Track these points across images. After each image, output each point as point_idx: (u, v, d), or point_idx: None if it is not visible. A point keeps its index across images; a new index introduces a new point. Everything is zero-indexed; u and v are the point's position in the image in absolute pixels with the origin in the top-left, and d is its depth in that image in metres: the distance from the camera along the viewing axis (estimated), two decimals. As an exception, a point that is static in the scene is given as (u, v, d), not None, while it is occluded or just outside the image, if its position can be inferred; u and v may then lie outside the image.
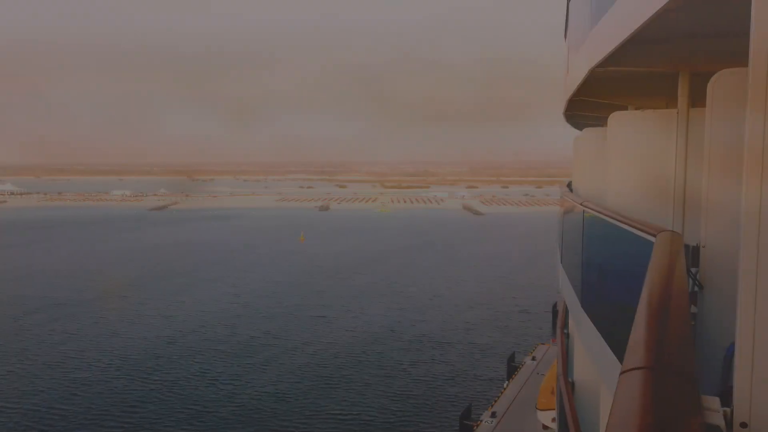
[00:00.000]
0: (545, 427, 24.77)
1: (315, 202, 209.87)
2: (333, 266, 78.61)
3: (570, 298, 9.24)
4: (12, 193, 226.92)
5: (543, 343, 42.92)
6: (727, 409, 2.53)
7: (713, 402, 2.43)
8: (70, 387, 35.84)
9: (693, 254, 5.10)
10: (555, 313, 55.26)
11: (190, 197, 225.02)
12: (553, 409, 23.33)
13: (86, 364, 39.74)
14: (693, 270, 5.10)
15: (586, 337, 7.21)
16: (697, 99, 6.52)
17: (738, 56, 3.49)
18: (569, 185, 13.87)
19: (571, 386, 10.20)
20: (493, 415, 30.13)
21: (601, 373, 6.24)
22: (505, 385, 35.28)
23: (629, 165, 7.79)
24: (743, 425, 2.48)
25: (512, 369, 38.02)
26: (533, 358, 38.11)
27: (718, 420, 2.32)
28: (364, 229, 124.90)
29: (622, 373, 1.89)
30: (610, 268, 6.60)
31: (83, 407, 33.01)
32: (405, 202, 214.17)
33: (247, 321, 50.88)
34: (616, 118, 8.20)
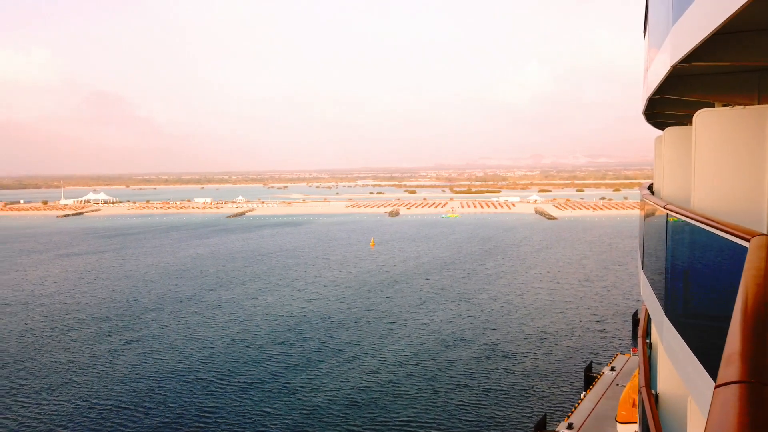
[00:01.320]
0: None
1: (385, 207, 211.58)
2: (402, 272, 78.61)
3: (653, 305, 8.78)
4: (105, 202, 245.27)
5: (622, 353, 40.90)
6: None
7: None
8: (152, 386, 37.70)
9: None
10: (636, 321, 52.73)
11: (265, 204, 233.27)
12: (634, 423, 22.05)
13: (166, 366, 41.71)
14: None
15: (671, 347, 6.86)
16: None
17: None
18: (650, 188, 13.07)
19: (654, 399, 9.71)
20: (570, 426, 28.98)
21: (689, 386, 5.89)
22: (581, 395, 33.88)
23: (718, 165, 7.32)
24: None
25: (589, 379, 36.45)
26: (612, 369, 36.40)
27: None
28: (433, 235, 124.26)
29: (717, 387, 1.82)
30: (698, 274, 6.28)
31: (163, 407, 34.61)
32: (475, 207, 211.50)
33: (317, 326, 51.70)
34: (702, 116, 7.68)
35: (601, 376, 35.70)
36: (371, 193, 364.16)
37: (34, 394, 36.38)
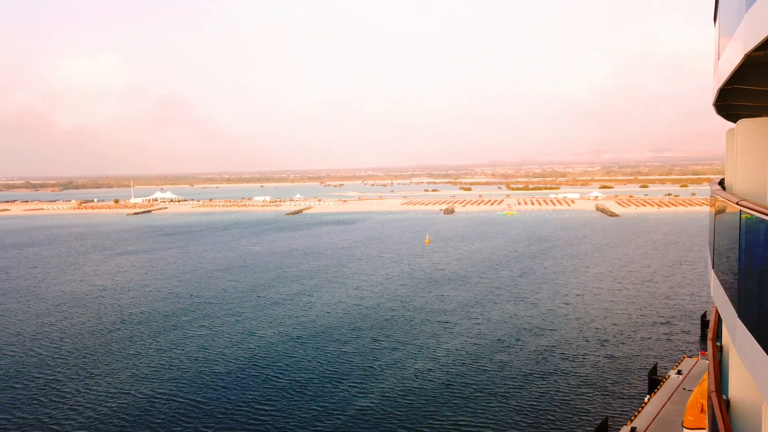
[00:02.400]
0: None
1: (439, 205, 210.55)
2: (456, 270, 77.87)
3: (724, 307, 8.32)
4: (171, 201, 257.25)
5: (690, 356, 38.95)
6: None
7: None
8: (212, 380, 38.89)
9: None
10: (705, 323, 50.11)
11: (321, 202, 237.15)
12: (703, 429, 20.88)
13: (225, 360, 42.95)
14: None
15: (745, 351, 6.53)
16: None
17: None
18: (721, 183, 12.32)
19: (725, 404, 9.18)
20: (633, 430, 27.83)
21: (765, 393, 5.55)
22: (645, 399, 32.49)
23: None
24: None
25: (654, 383, 34.92)
26: (679, 372, 34.74)
27: None
28: (489, 233, 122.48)
29: None
30: None
31: (222, 400, 35.63)
32: (532, 203, 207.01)
33: (371, 324, 51.90)
34: None
35: (666, 379, 34.14)
36: (426, 190, 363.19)
37: (105, 384, 38.27)
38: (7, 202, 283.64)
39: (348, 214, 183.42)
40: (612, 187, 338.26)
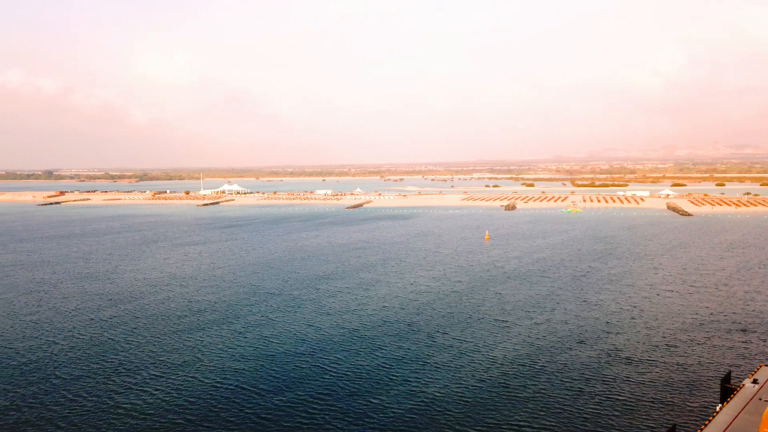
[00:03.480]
0: None
1: (500, 201, 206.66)
2: (516, 268, 76.25)
3: None
4: (238, 193, 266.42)
5: (768, 367, 36.41)
6: None
7: None
8: (271, 368, 39.89)
9: None
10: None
11: (381, 196, 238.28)
12: None
13: (284, 349, 43.94)
14: None
15: None
16: None
17: None
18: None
19: None
20: (701, 443, 26.31)
21: None
22: (717, 408, 30.59)
23: None
24: None
25: (727, 391, 32.84)
26: (755, 381, 32.49)
27: None
28: (551, 230, 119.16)
29: None
30: None
31: (280, 389, 36.49)
32: (599, 201, 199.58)
33: (427, 319, 51.67)
34: None
35: (740, 388, 32.03)
36: (487, 186, 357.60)
37: (172, 368, 40.06)
38: (89, 192, 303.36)
39: (407, 208, 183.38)
40: (685, 185, 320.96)
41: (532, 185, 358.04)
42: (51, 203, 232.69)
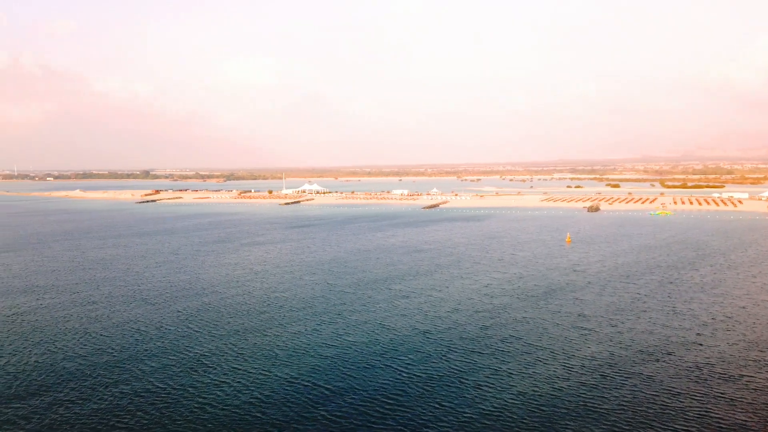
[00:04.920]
0: None
1: (583, 202, 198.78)
2: (597, 272, 72.98)
3: None
4: (318, 192, 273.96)
5: None
6: None
7: None
8: (344, 368, 40.50)
9: None
10: None
11: (458, 196, 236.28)
12: None
13: (356, 350, 44.45)
14: None
15: None
16: None
17: None
18: None
19: None
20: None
21: None
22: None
23: None
24: None
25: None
26: None
27: None
28: (638, 233, 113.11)
29: None
30: None
31: (352, 390, 36.96)
32: (690, 203, 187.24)
33: (500, 323, 50.53)
34: None
35: None
36: (568, 186, 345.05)
37: (248, 363, 41.67)
38: (181, 190, 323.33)
39: (484, 209, 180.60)
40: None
41: (617, 186, 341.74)
42: (147, 201, 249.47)
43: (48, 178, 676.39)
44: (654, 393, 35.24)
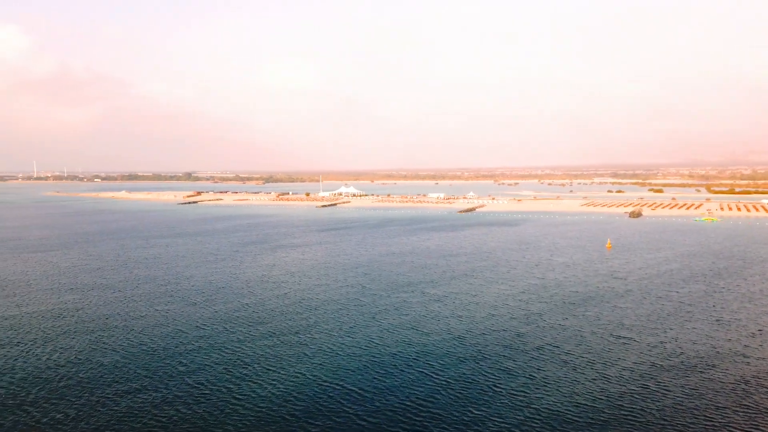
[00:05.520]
0: None
1: (625, 207, 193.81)
2: (638, 280, 70.91)
3: None
4: (354, 195, 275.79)
5: None
6: None
7: None
8: (377, 371, 40.46)
9: None
10: None
11: (495, 200, 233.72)
12: None
13: (390, 352, 44.34)
14: None
15: None
16: None
17: None
18: None
19: None
20: None
21: None
22: None
23: None
24: None
25: None
26: None
27: None
28: (682, 241, 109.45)
29: None
30: None
31: (382, 390, 36.86)
32: (738, 209, 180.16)
33: (536, 331, 49.61)
34: None
35: None
36: (609, 191, 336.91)
37: (284, 363, 42.12)
38: (221, 192, 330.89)
39: (522, 213, 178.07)
40: None
41: (660, 191, 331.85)
42: (189, 202, 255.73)
43: (96, 180, 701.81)
44: (697, 406, 33.95)
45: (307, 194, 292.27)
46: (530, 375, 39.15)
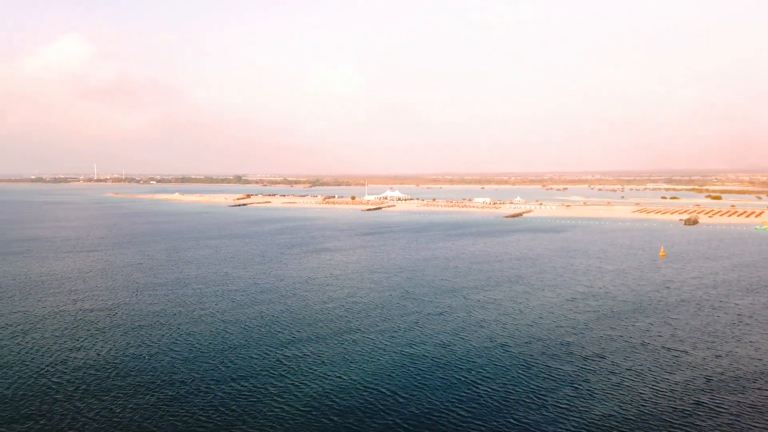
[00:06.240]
0: None
1: (680, 214, 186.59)
2: (693, 289, 67.96)
3: None
4: (399, 199, 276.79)
5: None
6: None
7: None
8: (414, 378, 40.26)
9: None
10: None
11: (543, 206, 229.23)
12: None
13: (429, 358, 44.02)
14: None
15: None
16: None
17: None
18: None
19: None
20: None
21: None
22: None
23: None
24: None
25: None
26: None
27: None
28: (740, 250, 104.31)
29: None
30: None
31: (419, 398, 36.63)
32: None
33: (583, 340, 48.22)
34: None
35: None
36: (663, 197, 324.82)
37: (317, 366, 42.48)
38: (270, 195, 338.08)
39: (570, 219, 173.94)
40: None
41: (718, 198, 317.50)
42: (239, 205, 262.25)
43: (151, 182, 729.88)
44: (755, 424, 32.23)
45: (353, 198, 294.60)
46: (577, 385, 38.10)
